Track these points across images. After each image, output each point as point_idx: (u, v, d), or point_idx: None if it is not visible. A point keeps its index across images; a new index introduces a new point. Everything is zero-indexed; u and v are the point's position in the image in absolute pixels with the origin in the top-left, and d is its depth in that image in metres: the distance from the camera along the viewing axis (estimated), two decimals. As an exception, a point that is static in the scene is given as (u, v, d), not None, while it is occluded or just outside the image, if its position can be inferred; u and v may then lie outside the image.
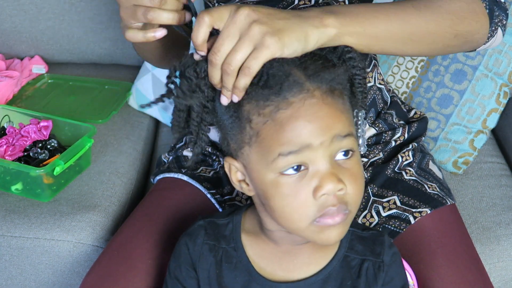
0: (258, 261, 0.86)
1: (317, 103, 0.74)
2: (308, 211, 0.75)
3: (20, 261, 1.28)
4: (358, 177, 0.77)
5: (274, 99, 0.74)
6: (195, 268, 0.88)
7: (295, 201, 0.75)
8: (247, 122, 0.76)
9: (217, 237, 0.88)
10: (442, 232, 1.05)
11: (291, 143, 0.73)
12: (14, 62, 1.75)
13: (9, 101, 1.60)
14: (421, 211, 1.05)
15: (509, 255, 1.25)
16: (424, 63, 1.47)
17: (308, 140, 0.73)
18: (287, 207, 0.76)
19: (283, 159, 0.74)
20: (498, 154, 1.52)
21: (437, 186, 1.11)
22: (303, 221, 0.76)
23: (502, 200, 1.36)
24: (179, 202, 1.11)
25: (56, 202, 1.31)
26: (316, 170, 0.74)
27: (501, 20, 0.98)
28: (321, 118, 0.74)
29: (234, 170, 0.82)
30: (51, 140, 1.39)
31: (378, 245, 0.86)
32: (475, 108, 1.42)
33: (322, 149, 0.74)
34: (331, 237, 0.77)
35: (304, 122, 0.73)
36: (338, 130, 0.75)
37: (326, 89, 0.75)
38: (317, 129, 0.73)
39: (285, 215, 0.76)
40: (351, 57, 0.80)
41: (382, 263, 0.85)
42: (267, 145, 0.75)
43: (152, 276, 1.00)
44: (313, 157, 0.74)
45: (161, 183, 1.18)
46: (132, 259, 1.01)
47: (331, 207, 0.75)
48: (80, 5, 1.73)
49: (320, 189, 0.74)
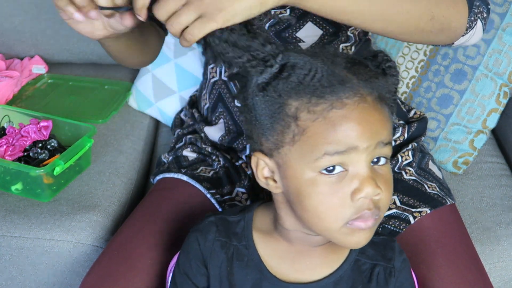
0: (270, 260, 0.86)
1: (368, 108, 0.75)
2: (344, 212, 0.75)
3: (20, 261, 1.28)
4: (390, 184, 0.79)
5: (329, 97, 0.74)
6: (206, 265, 0.88)
7: (332, 200, 0.75)
8: (293, 119, 0.75)
9: (228, 234, 0.87)
10: (442, 232, 1.05)
11: (340, 143, 0.73)
12: (14, 62, 1.75)
13: (9, 101, 1.60)
14: (421, 211, 1.05)
15: (509, 255, 1.25)
16: (424, 63, 1.47)
17: (356, 142, 0.73)
18: (323, 206, 0.76)
19: (328, 158, 0.74)
20: (498, 154, 1.52)
21: (437, 186, 1.11)
22: (337, 222, 0.76)
23: (502, 200, 1.36)
24: (178, 202, 1.11)
25: (56, 202, 1.31)
26: (356, 173, 0.75)
27: (481, 12, 0.97)
28: (371, 123, 0.74)
29: (262, 166, 0.81)
30: (51, 140, 1.39)
31: (389, 251, 0.87)
32: (475, 108, 1.42)
33: (366, 153, 0.74)
34: (360, 240, 0.78)
35: (355, 124, 0.73)
36: (383, 137, 0.76)
37: (376, 96, 0.76)
38: (366, 133, 0.74)
39: (319, 214, 0.76)
40: (390, 66, 0.80)
41: (393, 268, 0.86)
42: (313, 143, 0.74)
43: (152, 276, 1.00)
44: (355, 159, 0.74)
45: (161, 183, 1.18)
46: (132, 259, 1.01)
47: (367, 211, 0.75)
48: (80, 5, 1.73)
49: (359, 191, 0.74)
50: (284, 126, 0.76)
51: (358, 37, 1.15)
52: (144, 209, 1.13)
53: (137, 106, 1.64)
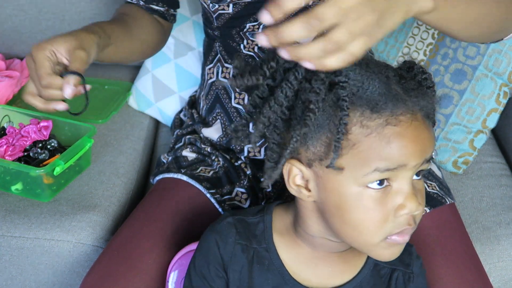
0: (292, 265, 0.85)
1: (420, 125, 0.75)
2: (386, 227, 0.75)
3: (20, 261, 1.28)
4: (424, 198, 0.80)
5: (384, 113, 0.73)
6: (225, 269, 0.86)
7: (376, 215, 0.75)
8: (343, 132, 0.74)
9: (248, 236, 0.86)
10: (441, 231, 1.05)
11: (392, 160, 0.73)
12: (14, 62, 1.75)
13: (9, 101, 1.60)
14: None
15: (509, 255, 1.25)
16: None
17: (406, 160, 0.73)
18: (366, 220, 0.75)
19: (377, 174, 0.73)
20: (498, 154, 1.52)
21: (436, 185, 1.11)
22: (377, 237, 0.76)
23: (502, 200, 1.36)
24: (178, 202, 1.11)
25: (56, 202, 1.31)
26: (400, 189, 0.75)
27: None
28: (422, 141, 0.75)
29: (295, 173, 0.79)
30: (51, 140, 1.38)
31: (407, 256, 0.87)
32: (475, 108, 1.42)
33: (412, 170, 0.75)
34: (395, 254, 0.79)
35: (409, 142, 0.73)
36: (429, 154, 0.76)
37: (425, 114, 0.76)
38: (417, 151, 0.74)
39: (361, 229, 0.76)
40: (426, 78, 0.79)
41: (412, 274, 0.86)
42: (363, 157, 0.73)
43: (152, 276, 1.00)
44: (402, 175, 0.74)
45: (161, 184, 1.18)
46: (132, 259, 1.01)
47: (408, 226, 0.76)
48: (80, 5, 1.73)
49: (403, 208, 0.75)
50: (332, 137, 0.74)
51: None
52: (144, 209, 1.13)
53: (137, 106, 1.64)
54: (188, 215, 1.09)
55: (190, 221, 1.08)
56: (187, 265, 0.93)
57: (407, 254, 0.87)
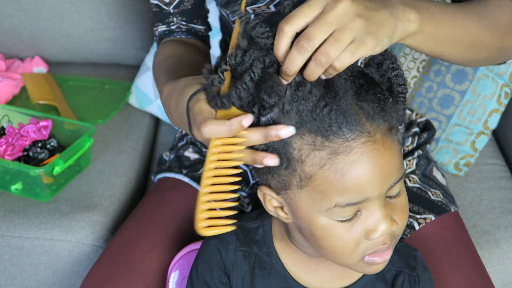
0: (293, 269, 0.85)
1: (378, 149, 0.70)
2: (360, 249, 0.74)
3: (20, 261, 1.27)
4: (406, 208, 0.77)
5: (334, 139, 0.69)
6: (228, 275, 0.86)
7: (348, 241, 0.74)
8: (298, 163, 0.71)
9: (249, 242, 0.86)
10: (446, 238, 1.05)
11: (351, 193, 0.70)
12: (16, 63, 1.75)
13: (9, 101, 1.60)
14: (426, 218, 1.05)
15: (509, 258, 1.25)
16: (425, 63, 1.46)
17: (367, 193, 0.71)
18: (338, 247, 0.74)
19: (339, 209, 0.71)
20: (498, 155, 1.51)
21: (440, 193, 1.11)
22: (353, 259, 0.75)
23: (501, 202, 1.35)
24: (178, 203, 1.11)
25: (56, 201, 1.31)
26: (369, 214, 0.73)
27: None
28: (382, 168, 0.71)
29: (269, 198, 0.78)
30: (51, 139, 1.38)
31: (412, 259, 0.86)
32: (476, 109, 1.42)
33: (378, 199, 0.72)
34: (378, 269, 0.77)
35: (366, 172, 0.70)
36: (395, 178, 0.72)
37: (386, 129, 0.72)
38: (377, 180, 0.70)
39: (335, 254, 0.75)
40: (397, 74, 0.75)
41: (417, 277, 0.84)
42: (322, 191, 0.71)
43: (152, 277, 1.00)
44: (368, 205, 0.72)
45: (162, 183, 1.18)
46: (131, 260, 1.01)
47: (382, 246, 0.74)
48: (80, 5, 1.73)
49: (374, 231, 0.73)
50: (291, 168, 0.72)
51: None
52: (144, 209, 1.12)
53: (137, 104, 1.64)
54: (188, 217, 1.09)
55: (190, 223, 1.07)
56: (188, 265, 0.93)
57: (412, 257, 0.86)
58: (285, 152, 0.71)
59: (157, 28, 1.12)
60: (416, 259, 0.86)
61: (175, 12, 1.10)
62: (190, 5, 1.10)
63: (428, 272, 0.86)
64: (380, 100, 0.72)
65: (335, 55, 0.68)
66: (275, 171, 0.73)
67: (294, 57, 0.68)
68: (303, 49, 0.68)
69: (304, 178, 0.72)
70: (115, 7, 1.74)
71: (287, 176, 0.73)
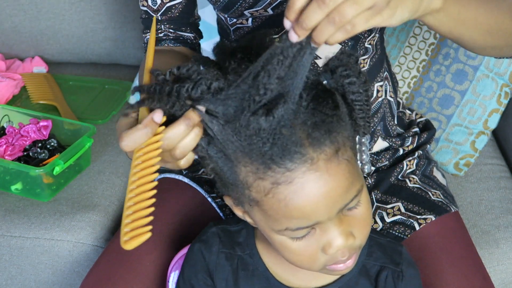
0: (275, 269, 0.85)
1: (321, 176, 0.68)
2: (319, 262, 0.74)
3: (20, 261, 1.27)
4: (367, 220, 0.75)
5: (275, 169, 0.67)
6: (212, 278, 0.86)
7: (304, 256, 0.74)
8: (245, 187, 0.70)
9: (232, 244, 0.86)
10: (446, 238, 1.05)
11: (299, 220, 0.69)
12: (16, 63, 1.75)
13: (9, 101, 1.60)
14: (426, 218, 1.05)
15: (509, 258, 1.25)
16: (425, 63, 1.46)
17: (316, 219, 0.70)
18: (298, 261, 0.75)
19: (290, 232, 0.71)
20: (498, 155, 1.51)
21: (441, 193, 1.11)
22: (315, 269, 0.76)
23: (501, 203, 1.35)
24: (178, 204, 1.11)
25: (56, 201, 1.31)
26: (324, 232, 0.72)
27: None
28: (326, 195, 0.68)
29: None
30: (51, 139, 1.38)
31: (397, 255, 0.85)
32: (476, 109, 1.42)
33: (329, 221, 0.71)
34: (345, 271, 0.78)
35: (310, 201, 0.68)
36: (344, 202, 0.71)
37: (331, 153, 0.69)
38: (323, 207, 0.69)
39: (296, 264, 0.76)
40: (350, 82, 0.72)
41: (401, 272, 0.84)
42: (271, 215, 0.71)
43: (151, 278, 1.00)
44: (321, 225, 0.72)
45: (161, 183, 1.17)
46: (131, 261, 1.01)
47: (342, 258, 0.74)
48: (80, 5, 1.73)
49: (330, 247, 0.72)
50: (238, 191, 0.71)
51: (375, 47, 1.11)
52: (143, 210, 1.12)
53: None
54: (188, 217, 1.09)
55: (190, 223, 1.08)
56: (188, 265, 0.93)
57: (397, 254, 0.85)
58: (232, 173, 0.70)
59: (145, 35, 1.12)
60: (401, 254, 0.85)
61: (162, 20, 1.09)
62: (178, 12, 1.08)
63: (413, 268, 0.85)
64: (328, 118, 0.69)
65: (350, 16, 0.65)
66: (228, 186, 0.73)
67: (313, 11, 0.64)
68: (324, 4, 0.64)
69: (252, 201, 0.71)
70: (115, 7, 1.74)
71: (238, 194, 0.73)
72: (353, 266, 0.77)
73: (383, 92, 1.11)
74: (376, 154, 1.11)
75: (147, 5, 1.07)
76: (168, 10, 1.07)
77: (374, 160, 1.11)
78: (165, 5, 1.06)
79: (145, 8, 1.08)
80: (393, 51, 1.50)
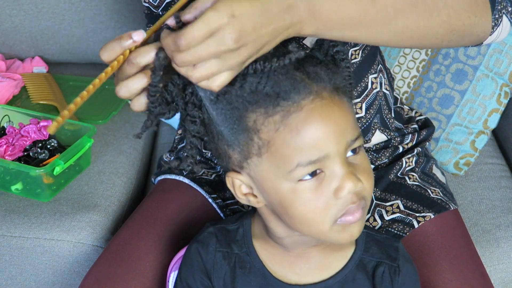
0: (272, 265, 0.86)
1: (327, 104, 0.73)
2: (331, 212, 0.74)
3: (20, 261, 1.27)
4: (369, 170, 0.78)
5: (284, 103, 0.71)
6: (209, 277, 0.87)
7: (317, 204, 0.74)
8: (254, 132, 0.73)
9: (229, 243, 0.87)
10: (445, 237, 1.05)
11: (310, 150, 0.72)
12: (16, 63, 1.75)
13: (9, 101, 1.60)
14: (425, 216, 1.05)
15: (509, 257, 1.25)
16: (425, 63, 1.46)
17: (326, 148, 0.72)
18: (309, 211, 0.75)
19: (301, 169, 0.72)
20: (498, 155, 1.51)
21: (440, 191, 1.11)
22: (326, 223, 0.75)
23: (502, 202, 1.35)
24: (178, 205, 1.11)
25: (56, 202, 1.31)
26: (333, 173, 0.73)
27: (505, 7, 0.93)
28: (335, 121, 0.73)
29: (238, 184, 0.79)
30: (51, 140, 1.38)
31: (393, 250, 0.86)
32: (476, 109, 1.42)
33: (338, 156, 0.73)
34: (354, 233, 0.77)
35: (320, 125, 0.72)
36: (351, 136, 0.74)
37: (331, 88, 0.74)
38: (332, 135, 0.72)
39: (307, 220, 0.76)
40: (338, 51, 0.78)
41: (397, 268, 0.84)
42: (282, 154, 0.73)
43: (150, 278, 1.00)
44: (329, 163, 0.73)
45: (162, 184, 1.18)
46: (130, 262, 1.01)
47: (352, 205, 0.75)
48: (80, 5, 1.73)
49: (341, 189, 0.73)
50: (247, 138, 0.74)
51: None
52: (143, 211, 1.12)
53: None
54: (188, 218, 1.09)
55: (190, 224, 1.08)
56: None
57: (393, 249, 0.86)
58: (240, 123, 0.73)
59: None
60: (397, 250, 0.86)
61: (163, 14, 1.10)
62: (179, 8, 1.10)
63: (410, 263, 0.86)
64: (322, 63, 0.75)
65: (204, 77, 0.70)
66: (234, 142, 0.75)
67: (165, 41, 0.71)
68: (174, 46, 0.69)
69: (262, 145, 0.73)
70: (115, 7, 1.74)
71: (245, 145, 0.74)
72: (361, 222, 0.77)
73: (378, 84, 1.11)
74: (375, 151, 1.11)
75: (148, 1, 1.08)
76: (168, 5, 1.08)
77: (374, 158, 1.11)
78: (164, 1, 1.06)
79: (147, 5, 1.09)
80: (393, 51, 1.50)
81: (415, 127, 1.17)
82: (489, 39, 0.94)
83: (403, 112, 1.21)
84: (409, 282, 0.86)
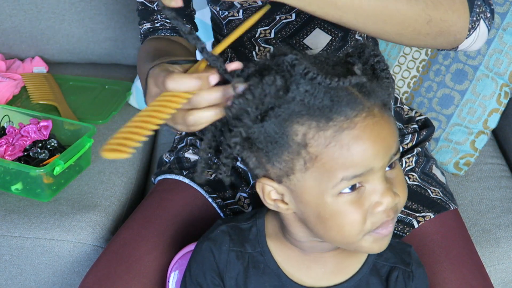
0: (287, 267, 0.85)
1: (378, 122, 0.73)
2: (367, 225, 0.75)
3: (20, 261, 1.27)
4: (404, 183, 0.78)
5: (337, 118, 0.71)
6: (221, 276, 0.86)
7: (355, 217, 0.74)
8: (302, 147, 0.72)
9: (242, 242, 0.86)
10: (445, 237, 1.05)
11: (356, 166, 0.72)
12: (16, 63, 1.75)
13: (9, 101, 1.60)
14: (425, 216, 1.05)
15: (509, 257, 1.25)
16: (425, 63, 1.46)
17: (372, 163, 0.72)
18: (347, 224, 0.75)
19: (345, 182, 0.73)
20: (498, 155, 1.51)
21: (440, 191, 1.11)
22: (360, 235, 0.76)
23: (502, 202, 1.36)
24: (179, 204, 1.11)
25: (56, 202, 1.31)
26: (373, 188, 0.74)
27: (483, 12, 0.93)
28: (384, 139, 0.73)
29: (269, 190, 0.78)
30: (51, 140, 1.38)
31: (406, 255, 0.86)
32: (476, 109, 1.42)
33: (380, 171, 0.74)
34: (383, 245, 0.78)
35: (370, 143, 0.72)
36: (394, 149, 0.75)
37: (381, 105, 0.74)
38: (380, 151, 0.73)
39: (343, 232, 0.76)
40: (379, 61, 0.77)
41: (411, 273, 0.85)
42: (328, 169, 0.72)
43: (150, 278, 1.00)
44: (372, 177, 0.74)
45: (162, 184, 1.18)
46: (130, 261, 1.01)
47: (387, 219, 0.75)
48: (80, 5, 1.73)
49: (380, 205, 0.74)
50: (293, 153, 0.73)
51: (367, 39, 1.13)
52: (144, 210, 1.12)
53: (137, 104, 1.64)
54: (188, 218, 1.09)
55: (190, 224, 1.08)
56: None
57: (406, 254, 0.86)
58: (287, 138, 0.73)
59: (142, 26, 1.13)
60: (410, 255, 0.87)
61: (159, 10, 1.10)
62: None
63: (422, 268, 0.87)
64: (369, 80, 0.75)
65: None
66: (276, 158, 0.74)
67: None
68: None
69: (309, 160, 0.73)
70: (115, 7, 1.74)
71: (290, 161, 0.74)
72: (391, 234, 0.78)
73: None
74: None
75: None
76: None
77: None
78: None
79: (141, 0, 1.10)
80: (392, 51, 1.50)
81: (415, 127, 1.17)
82: (465, 42, 0.93)
83: (403, 112, 1.21)
84: (422, 287, 0.86)
